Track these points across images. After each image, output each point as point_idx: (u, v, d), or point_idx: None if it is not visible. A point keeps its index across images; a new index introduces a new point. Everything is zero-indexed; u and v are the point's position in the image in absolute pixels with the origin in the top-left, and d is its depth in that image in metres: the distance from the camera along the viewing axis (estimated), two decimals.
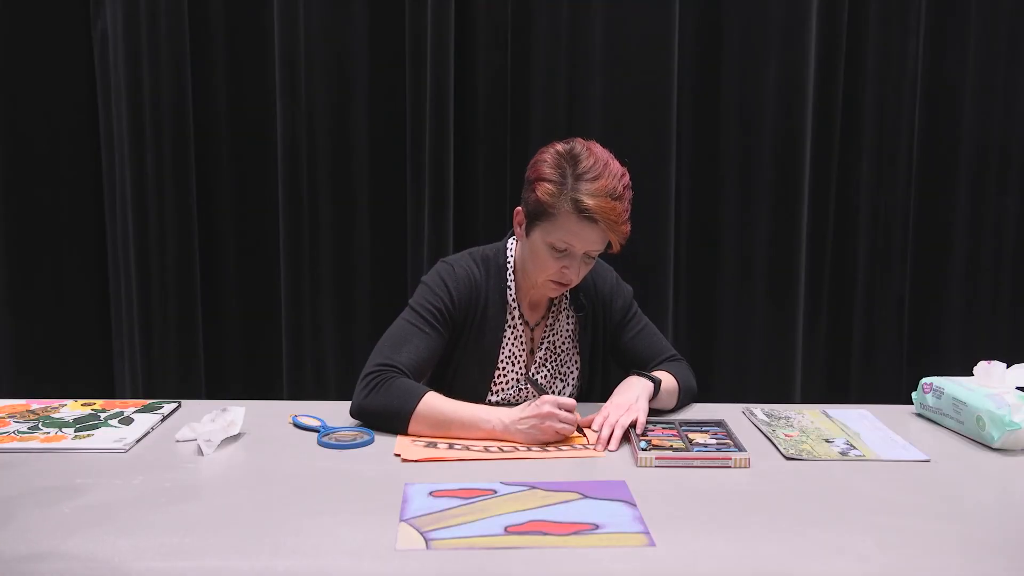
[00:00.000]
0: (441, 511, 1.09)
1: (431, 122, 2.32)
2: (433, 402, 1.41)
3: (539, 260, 1.52)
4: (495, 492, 1.16)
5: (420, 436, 1.39)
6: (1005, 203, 2.50)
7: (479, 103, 2.36)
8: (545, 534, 1.03)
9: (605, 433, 1.38)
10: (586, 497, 1.14)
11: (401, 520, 1.06)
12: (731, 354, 2.51)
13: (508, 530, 1.04)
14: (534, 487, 1.18)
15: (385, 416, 1.41)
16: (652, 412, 1.54)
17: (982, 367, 1.47)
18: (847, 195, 2.51)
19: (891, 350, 2.56)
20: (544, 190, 1.47)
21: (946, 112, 2.47)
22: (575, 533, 1.03)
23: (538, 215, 1.50)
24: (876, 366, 2.57)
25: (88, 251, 2.51)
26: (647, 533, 1.03)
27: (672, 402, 1.58)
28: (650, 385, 1.52)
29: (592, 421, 1.43)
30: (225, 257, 2.50)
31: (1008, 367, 1.44)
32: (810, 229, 2.47)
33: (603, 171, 1.47)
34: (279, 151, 2.40)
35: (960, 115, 2.47)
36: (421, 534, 1.02)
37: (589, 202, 1.44)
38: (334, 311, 2.46)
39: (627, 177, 1.52)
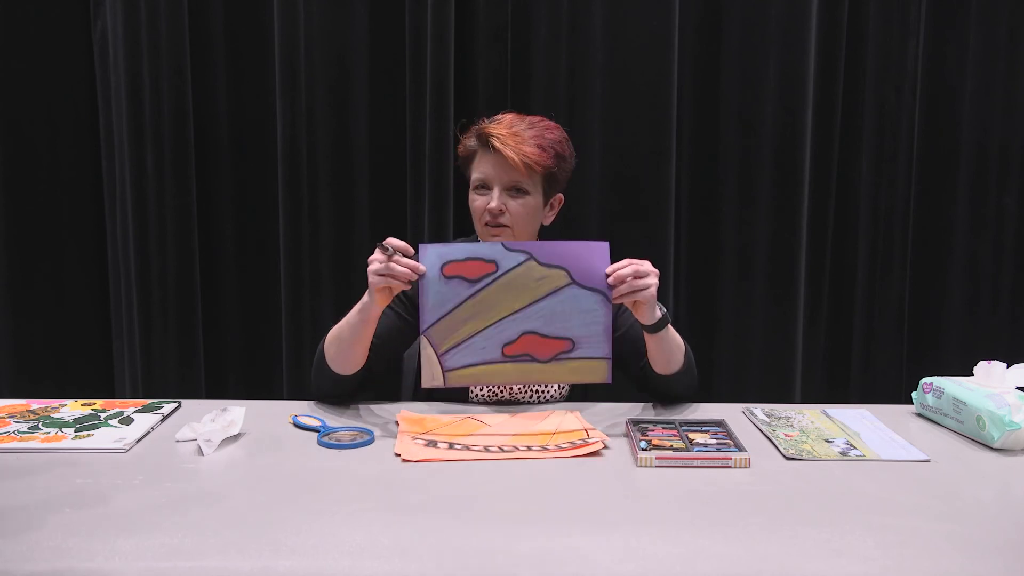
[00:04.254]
0: (451, 312, 1.36)
1: (431, 121, 2.32)
2: (334, 328, 1.53)
3: (472, 208, 1.60)
4: (497, 266, 1.38)
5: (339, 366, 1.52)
6: (1005, 203, 2.50)
7: (479, 103, 2.36)
8: (533, 359, 1.36)
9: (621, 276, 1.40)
10: (573, 283, 1.37)
11: (421, 332, 1.37)
12: (731, 354, 2.51)
13: (505, 352, 1.36)
14: (532, 255, 1.38)
15: (317, 367, 1.55)
16: (652, 411, 1.55)
17: (982, 367, 1.47)
18: (847, 195, 2.51)
19: (891, 350, 2.56)
20: (461, 144, 1.62)
21: (946, 112, 2.47)
22: (554, 358, 1.36)
23: (464, 169, 1.63)
24: (876, 366, 2.57)
25: (88, 251, 2.51)
26: (608, 359, 1.37)
27: (679, 359, 1.52)
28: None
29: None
30: (225, 257, 2.50)
31: (1008, 367, 1.44)
32: (810, 229, 2.47)
33: (517, 117, 1.57)
34: (279, 151, 2.40)
35: (960, 115, 2.47)
36: (439, 359, 1.32)
37: (489, 128, 1.54)
38: (334, 311, 2.46)
39: (547, 123, 1.58)
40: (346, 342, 1.50)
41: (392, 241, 1.41)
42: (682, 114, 2.42)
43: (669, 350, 1.52)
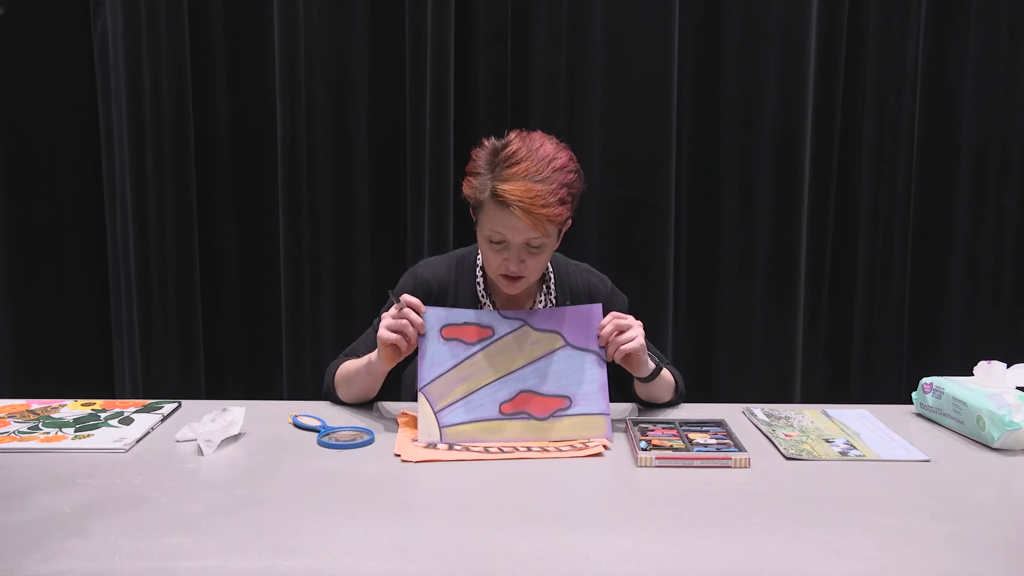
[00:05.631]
0: (448, 371, 1.38)
1: (431, 122, 2.32)
2: (342, 367, 1.56)
3: (484, 255, 1.50)
4: (493, 331, 1.41)
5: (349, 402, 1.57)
6: (1005, 203, 2.50)
7: (479, 103, 2.36)
8: (531, 416, 1.37)
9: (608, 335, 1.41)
10: (567, 345, 1.40)
11: (419, 389, 1.37)
12: (731, 354, 2.51)
13: (503, 410, 1.37)
14: (527, 322, 1.42)
15: (327, 393, 1.59)
16: (652, 411, 1.55)
17: (982, 367, 1.47)
18: (847, 195, 2.51)
19: (891, 350, 2.56)
20: (467, 184, 1.46)
21: (946, 112, 2.47)
22: (552, 415, 1.37)
23: (473, 210, 1.49)
24: (876, 366, 2.57)
25: (88, 251, 2.51)
26: (607, 415, 1.37)
27: (668, 395, 1.57)
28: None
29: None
30: (225, 257, 2.50)
31: (1008, 367, 1.44)
32: (810, 229, 2.47)
33: (528, 155, 1.40)
34: (279, 151, 2.40)
35: (960, 115, 2.47)
36: (436, 415, 1.34)
37: (504, 187, 1.38)
38: (334, 311, 2.46)
39: (562, 162, 1.42)
40: (355, 388, 1.54)
41: (405, 297, 1.42)
42: (682, 114, 2.42)
43: (660, 391, 1.55)
